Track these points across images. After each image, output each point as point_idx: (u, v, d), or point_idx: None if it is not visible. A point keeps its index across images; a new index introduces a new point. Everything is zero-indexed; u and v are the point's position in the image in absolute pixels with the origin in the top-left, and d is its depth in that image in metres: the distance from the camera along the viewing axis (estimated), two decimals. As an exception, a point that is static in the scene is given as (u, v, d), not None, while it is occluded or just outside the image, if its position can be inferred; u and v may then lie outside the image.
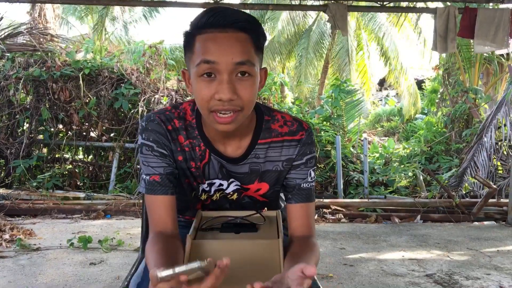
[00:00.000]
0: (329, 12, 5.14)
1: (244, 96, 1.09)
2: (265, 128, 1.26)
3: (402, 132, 12.28)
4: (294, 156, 1.26)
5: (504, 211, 5.38)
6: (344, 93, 7.62)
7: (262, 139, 1.25)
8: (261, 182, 1.30)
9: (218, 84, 1.07)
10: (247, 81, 1.09)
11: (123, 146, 6.46)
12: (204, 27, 1.09)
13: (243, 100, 1.09)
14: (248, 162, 1.26)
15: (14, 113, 6.33)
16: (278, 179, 1.31)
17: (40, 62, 6.37)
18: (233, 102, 1.08)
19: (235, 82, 1.08)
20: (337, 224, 5.11)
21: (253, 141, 1.25)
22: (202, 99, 1.10)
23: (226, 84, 1.06)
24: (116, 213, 5.34)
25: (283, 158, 1.27)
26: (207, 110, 1.11)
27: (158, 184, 1.21)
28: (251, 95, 1.11)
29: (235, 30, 1.08)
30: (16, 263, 3.43)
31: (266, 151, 1.26)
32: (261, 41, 1.14)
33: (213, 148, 1.25)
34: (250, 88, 1.10)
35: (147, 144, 1.22)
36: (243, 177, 1.29)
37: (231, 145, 1.25)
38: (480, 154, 6.33)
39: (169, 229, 1.20)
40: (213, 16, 1.08)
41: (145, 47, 6.91)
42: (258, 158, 1.26)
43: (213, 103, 1.09)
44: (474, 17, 4.98)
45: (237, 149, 1.25)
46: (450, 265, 3.53)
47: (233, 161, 1.26)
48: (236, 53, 1.07)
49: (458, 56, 8.16)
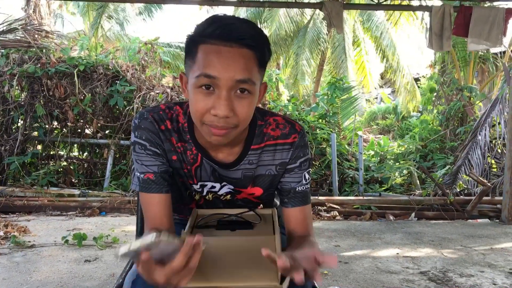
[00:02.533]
0: (324, 9, 5.14)
1: (240, 114, 1.07)
2: (258, 133, 1.24)
3: (397, 130, 12.32)
4: (288, 159, 1.24)
5: (498, 208, 5.41)
6: (340, 91, 7.63)
7: (255, 145, 1.24)
8: (254, 186, 1.29)
9: (216, 99, 1.04)
10: (246, 99, 1.07)
11: (118, 143, 6.45)
12: (209, 37, 1.05)
13: (239, 117, 1.07)
14: (241, 168, 1.25)
15: (9, 109, 6.29)
16: (272, 183, 1.30)
17: (35, 58, 6.34)
18: (228, 120, 1.06)
19: (233, 99, 1.05)
20: (332, 222, 5.13)
21: (245, 148, 1.23)
22: (197, 111, 1.08)
23: (224, 101, 1.04)
24: (111, 210, 5.33)
25: (276, 162, 1.25)
26: (200, 122, 1.09)
27: (152, 182, 1.20)
28: (248, 113, 1.09)
29: (240, 46, 1.04)
30: (10, 260, 3.42)
31: (259, 156, 1.24)
32: (266, 58, 1.12)
33: (205, 153, 1.23)
34: (247, 106, 1.08)
35: (139, 143, 1.21)
36: (236, 182, 1.28)
37: (223, 152, 1.23)
38: (474, 152, 6.36)
39: (164, 227, 1.19)
40: (220, 28, 1.04)
41: (141, 44, 6.89)
42: (251, 164, 1.25)
43: (207, 118, 1.07)
44: (469, 15, 5.00)
45: (229, 156, 1.24)
46: (444, 263, 3.55)
47: (225, 167, 1.25)
48: (238, 70, 1.04)
49: (454, 55, 8.19)
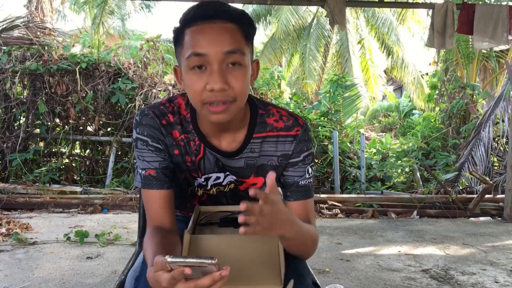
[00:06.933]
0: (327, 7, 5.12)
1: (236, 87, 1.07)
2: (260, 122, 1.24)
3: (399, 127, 12.29)
4: (290, 152, 1.24)
5: (500, 206, 5.40)
6: (342, 88, 7.60)
7: (257, 133, 1.24)
8: (257, 176, 1.29)
9: (209, 75, 1.06)
10: (238, 71, 1.08)
11: (120, 140, 6.45)
12: (192, 20, 1.08)
13: (235, 90, 1.08)
14: (243, 157, 1.25)
15: (11, 106, 6.31)
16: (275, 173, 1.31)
17: (37, 55, 6.35)
18: (225, 93, 1.06)
19: (226, 72, 1.06)
20: (333, 219, 5.12)
21: (248, 135, 1.24)
22: (194, 92, 1.09)
23: (216, 74, 1.05)
24: (113, 207, 5.34)
25: (278, 153, 1.25)
26: (200, 102, 1.09)
27: (154, 179, 1.20)
28: (243, 85, 1.09)
29: (223, 21, 1.07)
30: (12, 257, 3.43)
31: (261, 145, 1.24)
32: (250, 31, 1.13)
33: (208, 142, 1.24)
34: (241, 78, 1.08)
35: (141, 139, 1.21)
36: (239, 171, 1.27)
37: (226, 139, 1.23)
38: (478, 148, 6.34)
39: (166, 224, 1.19)
40: (201, 8, 1.08)
41: (143, 42, 6.88)
42: (253, 152, 1.25)
43: (205, 95, 1.07)
44: (472, 13, 4.97)
45: (231, 143, 1.24)
46: (446, 261, 3.54)
47: (228, 155, 1.25)
48: (225, 42, 1.05)
49: (457, 52, 8.16)
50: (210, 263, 0.81)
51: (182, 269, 0.82)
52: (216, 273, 0.83)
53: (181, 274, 0.82)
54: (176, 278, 0.84)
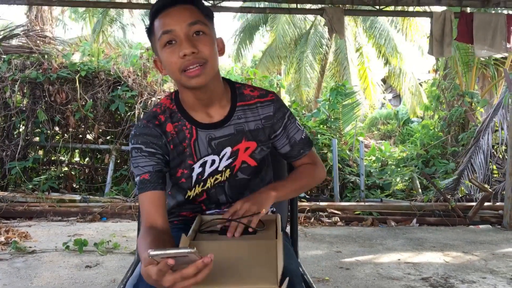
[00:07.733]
0: (326, 15, 5.16)
1: (204, 50, 1.23)
2: (239, 93, 1.41)
3: (398, 135, 12.31)
4: (272, 113, 1.41)
5: (499, 214, 5.40)
6: (342, 96, 7.61)
7: (240, 102, 1.40)
8: (248, 140, 1.40)
9: (179, 45, 1.22)
10: (203, 38, 1.25)
11: (120, 148, 6.45)
12: (158, 10, 1.26)
13: (205, 53, 1.23)
14: (232, 124, 1.38)
15: (10, 115, 6.31)
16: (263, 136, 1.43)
17: (37, 64, 6.37)
18: (196, 55, 1.22)
19: (193, 40, 1.23)
20: (333, 227, 5.12)
21: (232, 105, 1.39)
22: (171, 63, 1.24)
23: (185, 41, 1.21)
24: (112, 215, 5.33)
25: (261, 116, 1.41)
26: (178, 71, 1.24)
27: (147, 182, 1.28)
28: (210, 49, 1.25)
29: (183, 4, 1.25)
30: (11, 266, 3.42)
31: (245, 112, 1.40)
32: (208, 11, 1.31)
33: (198, 122, 1.36)
34: (208, 43, 1.25)
35: (136, 147, 1.32)
36: (231, 138, 1.38)
37: (213, 111, 1.37)
38: (477, 156, 6.34)
39: (159, 224, 1.24)
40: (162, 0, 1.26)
41: (142, 50, 6.90)
42: (240, 119, 1.39)
43: (180, 63, 1.22)
44: (471, 22, 5.01)
45: (219, 114, 1.37)
46: (446, 269, 3.54)
47: (218, 125, 1.37)
48: (187, 17, 1.24)
49: (456, 60, 8.19)
50: (189, 252, 0.87)
51: (166, 261, 0.88)
52: (199, 261, 0.90)
53: (166, 266, 0.89)
54: (162, 270, 0.90)
